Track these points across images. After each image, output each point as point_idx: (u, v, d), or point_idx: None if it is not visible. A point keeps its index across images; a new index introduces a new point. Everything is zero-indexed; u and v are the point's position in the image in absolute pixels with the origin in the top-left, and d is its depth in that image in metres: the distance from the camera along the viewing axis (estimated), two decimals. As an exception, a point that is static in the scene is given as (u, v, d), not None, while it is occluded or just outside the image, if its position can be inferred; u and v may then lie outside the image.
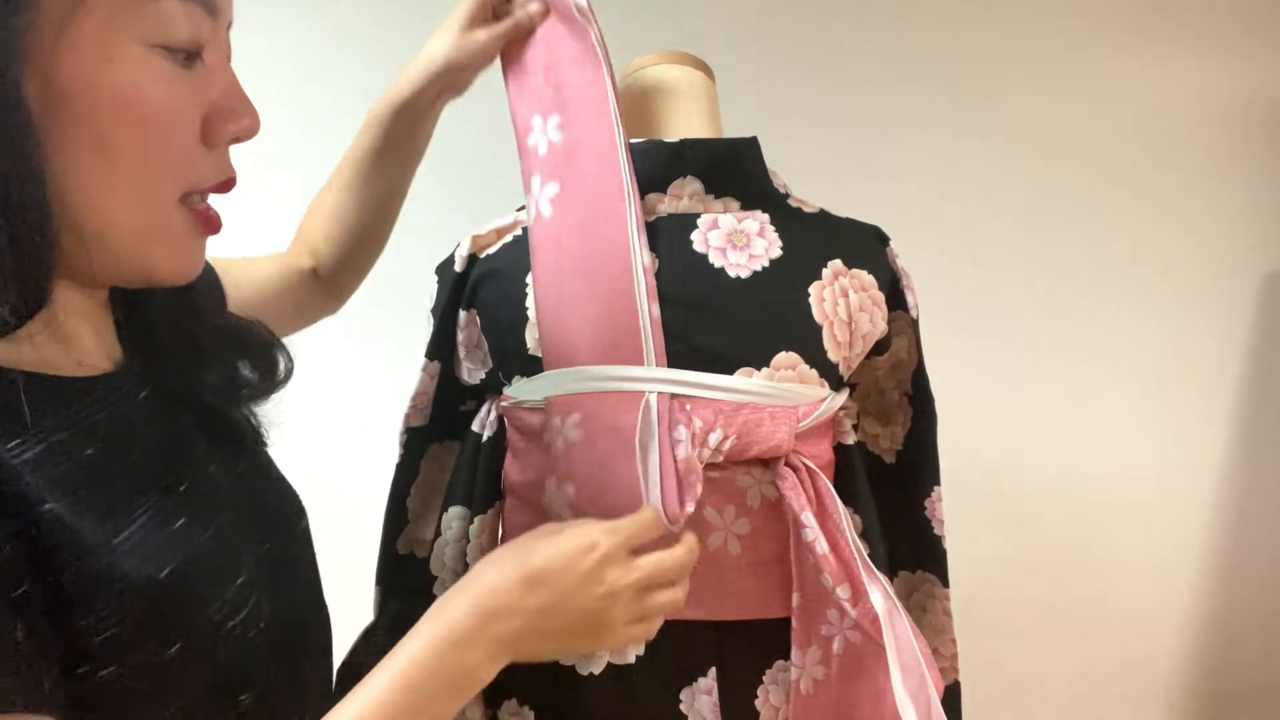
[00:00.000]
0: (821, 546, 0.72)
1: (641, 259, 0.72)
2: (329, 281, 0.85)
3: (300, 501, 0.65)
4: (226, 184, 0.53)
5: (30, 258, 0.43)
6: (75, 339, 0.51)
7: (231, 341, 0.61)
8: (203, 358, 0.58)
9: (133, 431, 0.51)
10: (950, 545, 0.90)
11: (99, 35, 0.45)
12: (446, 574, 0.83)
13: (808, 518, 0.72)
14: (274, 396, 0.64)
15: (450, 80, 0.79)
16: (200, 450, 0.55)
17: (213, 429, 0.57)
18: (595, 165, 0.74)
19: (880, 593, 0.71)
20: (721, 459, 0.72)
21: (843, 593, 0.72)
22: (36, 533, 0.42)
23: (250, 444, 0.61)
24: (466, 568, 0.82)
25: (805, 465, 0.75)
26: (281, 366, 0.63)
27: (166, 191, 0.50)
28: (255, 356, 0.62)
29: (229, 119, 0.51)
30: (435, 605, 0.54)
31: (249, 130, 0.52)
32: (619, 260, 0.72)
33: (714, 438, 0.72)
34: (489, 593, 0.54)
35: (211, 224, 0.53)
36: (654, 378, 0.72)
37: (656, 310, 0.73)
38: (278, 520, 0.60)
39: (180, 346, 0.57)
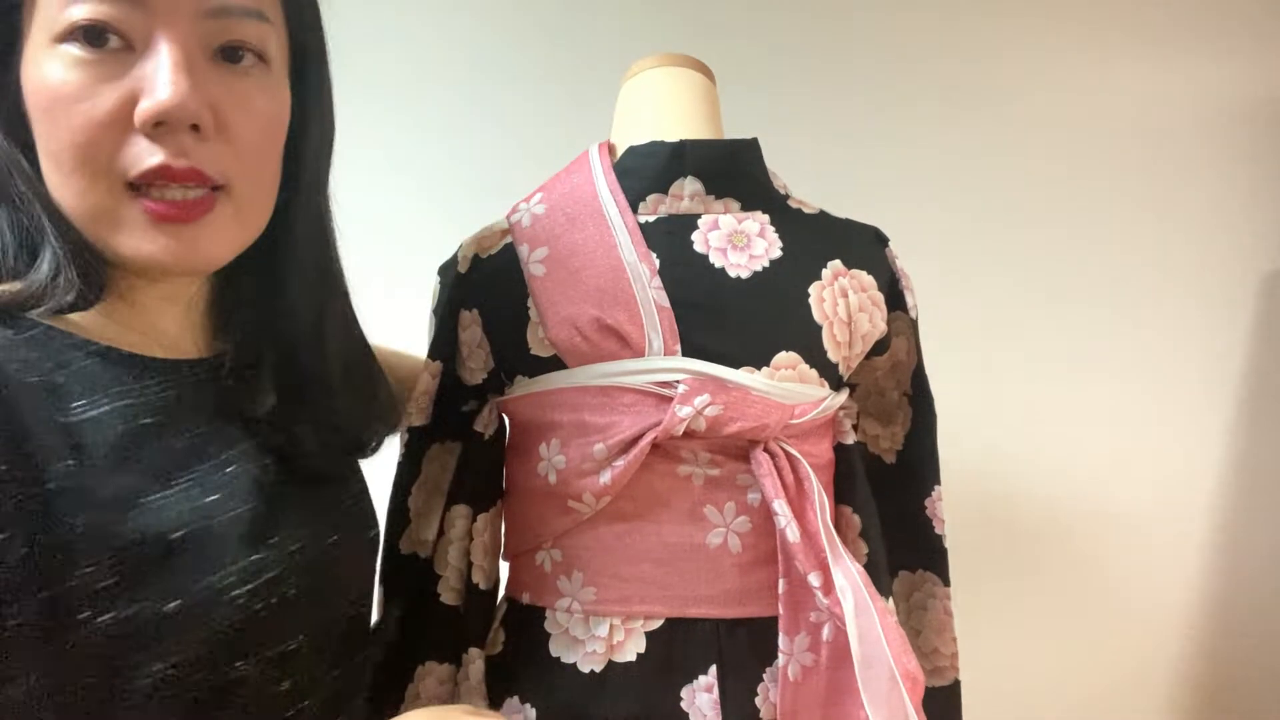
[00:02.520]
0: (793, 534, 0.72)
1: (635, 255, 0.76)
2: None
3: (371, 521, 0.71)
4: (158, 170, 0.51)
5: (75, 245, 0.52)
6: (154, 327, 0.57)
7: (340, 384, 0.68)
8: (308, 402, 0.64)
9: (200, 412, 0.56)
10: (950, 545, 0.90)
11: (35, 41, 0.51)
12: (450, 573, 0.84)
13: (780, 506, 0.73)
14: (369, 447, 0.73)
15: None
16: (259, 445, 0.60)
17: (292, 447, 0.62)
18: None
19: (849, 584, 0.71)
20: (705, 425, 0.73)
21: (815, 580, 0.72)
22: (53, 485, 0.46)
23: (335, 470, 0.67)
24: (470, 566, 0.83)
25: (785, 451, 0.75)
26: (381, 431, 0.72)
27: (97, 176, 0.52)
28: (363, 410, 0.70)
29: (142, 97, 0.50)
30: None
31: (157, 108, 0.50)
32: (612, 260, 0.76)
33: (700, 400, 0.72)
34: None
35: (162, 215, 0.53)
36: (659, 368, 0.73)
37: (664, 299, 0.75)
38: (342, 527, 0.65)
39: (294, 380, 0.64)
